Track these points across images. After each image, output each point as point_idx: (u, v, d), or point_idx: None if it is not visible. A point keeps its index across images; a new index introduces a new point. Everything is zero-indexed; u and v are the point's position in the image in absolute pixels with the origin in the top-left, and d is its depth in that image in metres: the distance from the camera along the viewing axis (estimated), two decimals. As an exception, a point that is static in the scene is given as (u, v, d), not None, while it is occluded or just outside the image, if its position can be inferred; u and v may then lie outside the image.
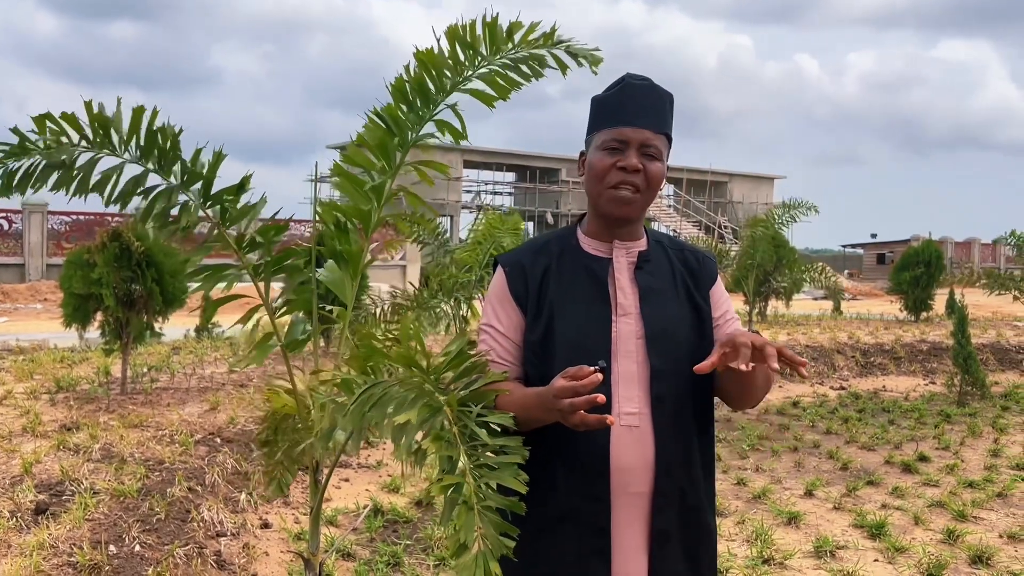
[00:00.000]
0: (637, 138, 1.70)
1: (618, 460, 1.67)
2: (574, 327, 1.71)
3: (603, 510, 1.67)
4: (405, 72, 2.06)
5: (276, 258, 2.23)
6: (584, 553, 1.67)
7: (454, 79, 2.09)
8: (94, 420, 5.90)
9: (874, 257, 46.85)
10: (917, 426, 8.21)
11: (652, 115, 1.72)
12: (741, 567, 4.26)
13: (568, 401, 1.48)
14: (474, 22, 2.01)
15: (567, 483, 1.67)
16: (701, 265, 1.84)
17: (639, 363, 1.71)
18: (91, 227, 22.37)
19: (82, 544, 3.63)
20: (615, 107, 1.73)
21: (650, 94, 1.74)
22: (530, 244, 1.86)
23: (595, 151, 1.74)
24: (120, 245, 6.79)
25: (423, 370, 1.66)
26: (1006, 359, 12.38)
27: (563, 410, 1.49)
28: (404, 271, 26.34)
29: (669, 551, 1.70)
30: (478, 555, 1.43)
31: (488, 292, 1.84)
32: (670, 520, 1.69)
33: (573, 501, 1.67)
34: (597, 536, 1.67)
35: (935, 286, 16.57)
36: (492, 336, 1.79)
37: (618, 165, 1.70)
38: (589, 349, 1.69)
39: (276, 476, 2.77)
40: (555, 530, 1.68)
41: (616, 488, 1.67)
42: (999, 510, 5.46)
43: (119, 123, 2.06)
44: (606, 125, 1.72)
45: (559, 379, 1.52)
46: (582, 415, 1.49)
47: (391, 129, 2.12)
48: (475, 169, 40.43)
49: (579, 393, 1.47)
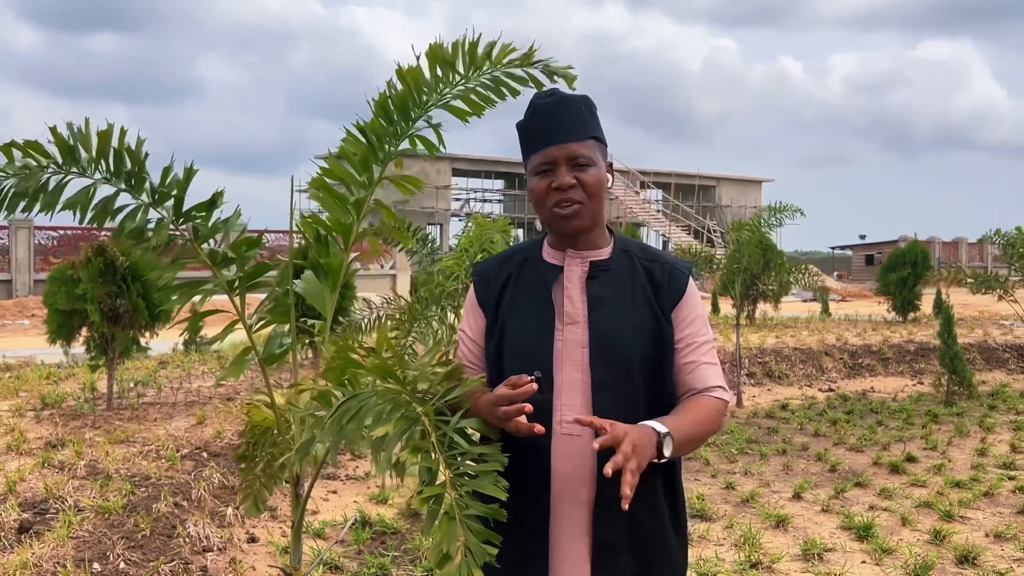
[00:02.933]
0: (563, 155, 1.74)
1: (558, 468, 1.70)
2: (520, 334, 1.77)
3: (542, 515, 1.70)
4: (388, 89, 2.08)
5: (249, 273, 2.23)
6: (524, 556, 1.70)
7: (433, 96, 2.10)
8: (79, 437, 5.86)
9: (862, 258, 47.07)
10: (905, 427, 8.25)
11: (570, 127, 1.75)
12: (729, 572, 4.27)
13: (503, 409, 1.57)
14: (456, 42, 2.04)
15: (511, 488, 1.67)
16: (669, 279, 1.79)
17: (583, 372, 1.72)
18: (78, 242, 22.28)
19: (66, 563, 3.61)
20: (535, 130, 1.78)
21: (563, 107, 1.77)
22: (504, 253, 1.93)
23: (531, 177, 1.79)
24: (105, 260, 6.76)
25: (400, 381, 1.66)
26: (993, 358, 12.45)
27: (499, 417, 1.58)
28: (394, 280, 26.32)
29: (616, 562, 1.69)
30: (461, 564, 1.44)
31: (466, 299, 1.93)
32: (615, 531, 1.69)
33: (516, 506, 1.66)
34: (536, 541, 1.70)
35: (922, 286, 16.66)
36: (463, 342, 1.88)
37: (552, 187, 1.74)
38: (533, 357, 1.73)
39: (252, 493, 2.76)
40: (498, 531, 1.69)
41: (558, 496, 1.70)
42: (986, 509, 5.49)
43: (88, 143, 2.05)
44: (533, 150, 1.78)
45: (501, 387, 1.61)
46: (515, 423, 1.57)
47: (372, 144, 2.13)
48: (464, 177, 40.46)
49: (514, 401, 1.56)
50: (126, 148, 1.97)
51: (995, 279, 11.26)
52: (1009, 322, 15.23)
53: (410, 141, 2.17)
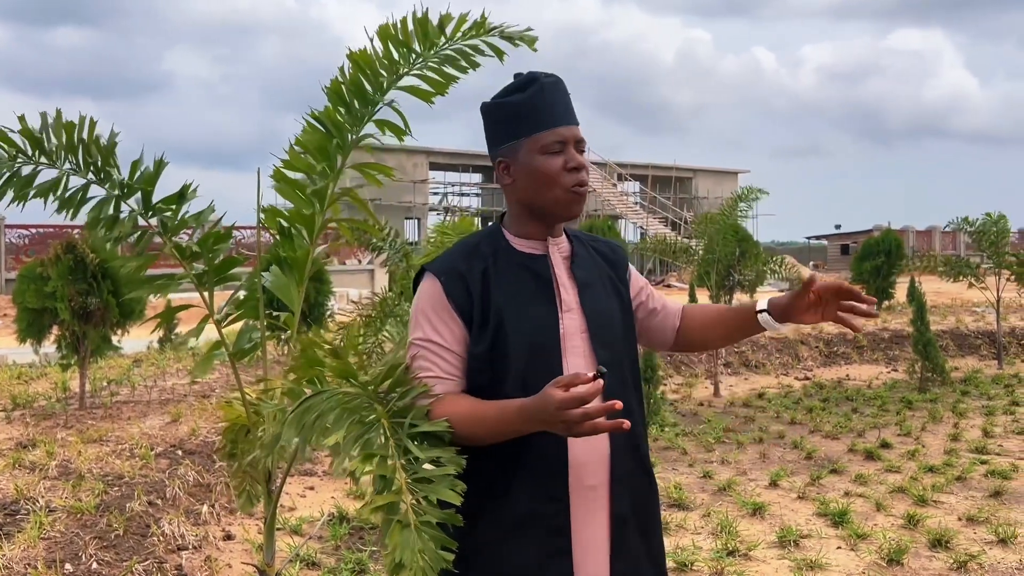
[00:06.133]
0: (573, 136, 1.71)
1: (575, 457, 1.66)
2: (527, 328, 1.67)
3: (562, 509, 1.66)
4: (340, 74, 2.04)
5: (217, 267, 2.20)
6: (546, 554, 1.66)
7: (390, 78, 2.07)
8: (51, 436, 5.79)
9: (838, 248, 47.53)
10: (880, 413, 8.34)
11: (572, 111, 1.74)
12: (707, 559, 4.29)
13: (580, 411, 1.42)
14: (405, 19, 2.00)
15: (525, 486, 1.65)
16: (615, 253, 1.88)
17: (585, 357, 1.70)
18: (50, 240, 21.97)
19: (37, 564, 3.56)
20: (542, 108, 1.70)
21: (564, 89, 1.74)
22: (460, 248, 1.78)
23: (536, 156, 1.69)
24: (75, 257, 6.67)
25: (359, 383, 1.63)
26: (965, 344, 12.62)
27: (572, 420, 1.43)
28: (372, 276, 26.21)
29: (627, 533, 1.72)
30: (416, 572, 1.39)
31: (418, 304, 1.71)
32: (625, 505, 1.71)
33: (532, 504, 1.64)
34: (557, 535, 1.66)
35: (896, 275, 16.85)
36: (433, 351, 1.67)
37: (569, 166, 1.68)
38: (542, 349, 1.67)
39: (246, 488, 2.74)
40: (516, 535, 1.66)
41: (573, 484, 1.66)
42: (959, 493, 5.56)
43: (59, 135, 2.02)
44: (539, 128, 1.69)
45: (553, 389, 1.44)
46: (594, 423, 1.43)
47: (330, 132, 2.10)
48: (441, 171, 40.31)
49: (587, 402, 1.42)
50: (94, 140, 1.94)
51: (966, 266, 11.40)
52: (981, 308, 15.44)
53: (377, 126, 2.14)
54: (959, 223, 11.60)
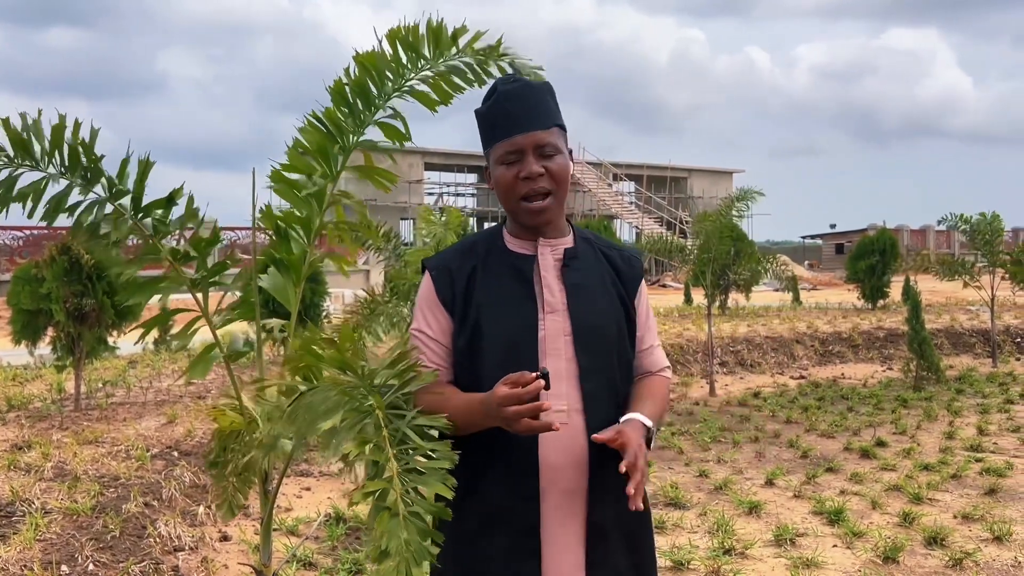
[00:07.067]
0: (530, 143, 1.70)
1: (547, 459, 1.66)
2: (502, 327, 1.70)
3: (533, 509, 1.66)
4: (345, 75, 2.03)
5: (211, 269, 2.19)
6: (515, 552, 1.67)
7: (396, 82, 2.06)
8: (47, 438, 5.77)
9: (833, 247, 47.62)
10: (875, 412, 8.36)
11: (536, 114, 1.71)
12: (703, 558, 4.29)
13: (513, 409, 1.50)
14: (417, 25, 1.99)
15: (497, 484, 1.67)
16: (628, 265, 1.85)
17: (567, 360, 1.70)
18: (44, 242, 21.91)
19: (33, 565, 3.55)
20: (500, 118, 1.72)
21: (528, 94, 1.73)
22: (458, 246, 1.83)
23: (496, 166, 1.73)
24: (69, 258, 6.66)
25: (357, 374, 1.64)
26: (960, 343, 12.66)
27: (508, 418, 1.51)
28: (367, 276, 26.17)
29: (607, 545, 1.70)
30: (400, 562, 1.40)
31: (417, 297, 1.80)
32: (606, 514, 1.69)
33: (504, 502, 1.66)
34: (527, 535, 1.67)
35: (890, 274, 16.89)
36: (423, 342, 1.76)
37: (521, 176, 1.70)
38: (518, 348, 1.68)
39: (228, 498, 2.73)
40: (487, 532, 1.68)
41: (546, 486, 1.67)
42: (954, 491, 5.58)
43: (41, 136, 2.00)
44: (498, 138, 1.72)
45: (500, 386, 1.52)
46: (527, 422, 1.51)
47: (331, 133, 2.09)
48: (436, 171, 40.30)
49: (522, 400, 1.50)
50: (80, 141, 1.93)
51: (961, 265, 11.44)
52: (975, 307, 15.49)
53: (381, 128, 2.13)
54: (955, 220, 11.63)
